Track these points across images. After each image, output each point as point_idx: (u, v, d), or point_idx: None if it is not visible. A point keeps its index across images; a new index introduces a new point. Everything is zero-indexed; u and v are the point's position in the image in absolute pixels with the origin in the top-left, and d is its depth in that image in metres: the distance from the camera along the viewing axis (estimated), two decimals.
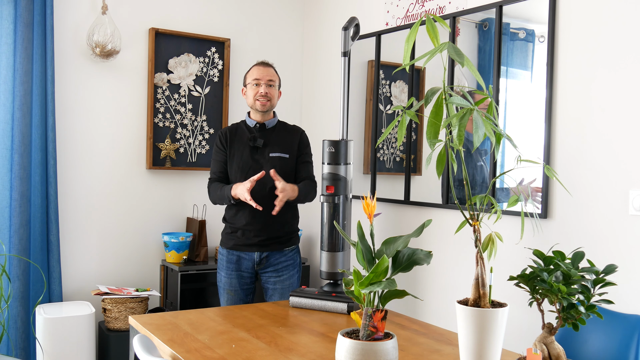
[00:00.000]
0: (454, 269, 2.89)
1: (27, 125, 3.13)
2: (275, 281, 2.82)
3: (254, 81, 2.80)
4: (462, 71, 2.87)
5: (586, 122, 2.35)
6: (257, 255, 2.80)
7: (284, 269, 2.83)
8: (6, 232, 3.12)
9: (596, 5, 2.33)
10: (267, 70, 2.82)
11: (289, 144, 2.84)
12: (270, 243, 2.80)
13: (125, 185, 3.52)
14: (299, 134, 2.90)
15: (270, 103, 2.81)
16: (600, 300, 1.40)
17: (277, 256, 2.82)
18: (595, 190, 2.31)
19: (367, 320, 1.46)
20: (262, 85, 2.78)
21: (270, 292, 2.83)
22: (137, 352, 1.82)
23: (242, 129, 2.87)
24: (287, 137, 2.86)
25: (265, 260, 2.82)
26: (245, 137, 2.83)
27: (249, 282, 2.84)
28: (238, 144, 2.83)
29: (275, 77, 2.84)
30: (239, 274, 2.82)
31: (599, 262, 2.08)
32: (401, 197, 3.20)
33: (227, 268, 2.83)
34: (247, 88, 2.84)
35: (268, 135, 2.84)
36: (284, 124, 2.92)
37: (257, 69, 2.83)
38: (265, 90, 2.78)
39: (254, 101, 2.80)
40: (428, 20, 1.36)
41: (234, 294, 2.82)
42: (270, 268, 2.82)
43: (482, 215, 1.45)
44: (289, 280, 2.83)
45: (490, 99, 1.43)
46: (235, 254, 2.82)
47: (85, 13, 3.35)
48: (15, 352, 3.09)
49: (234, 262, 2.82)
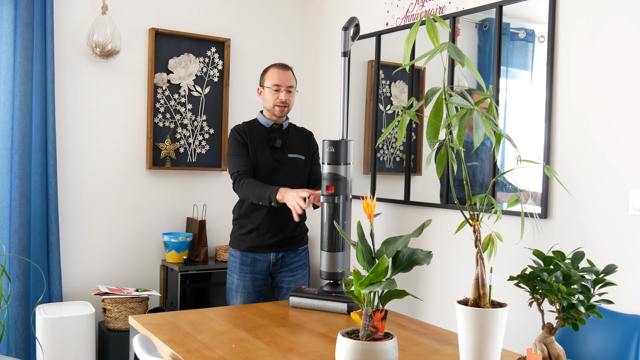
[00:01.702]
0: (454, 269, 2.89)
1: (27, 125, 3.13)
2: (290, 280, 2.84)
3: (274, 87, 2.75)
4: (462, 71, 2.87)
5: (586, 122, 2.35)
6: (273, 256, 2.80)
7: (297, 268, 2.86)
8: (6, 232, 3.12)
9: (596, 5, 2.33)
10: (287, 75, 2.78)
11: (305, 146, 2.88)
12: (286, 243, 2.81)
13: (125, 185, 3.52)
14: (310, 137, 2.95)
15: (288, 109, 2.80)
16: (600, 300, 1.40)
17: (291, 256, 2.84)
18: (595, 190, 2.31)
19: (367, 320, 1.46)
20: (282, 92, 2.75)
21: (284, 291, 2.84)
22: (137, 352, 1.82)
23: (258, 127, 2.83)
24: (301, 139, 2.89)
25: (281, 260, 2.83)
26: (262, 136, 2.80)
27: (261, 284, 2.84)
28: (257, 142, 2.79)
29: (294, 81, 2.81)
30: (252, 276, 2.80)
31: (599, 262, 2.08)
32: (401, 197, 3.20)
33: (240, 270, 2.79)
34: (264, 90, 2.80)
35: (284, 136, 2.84)
36: (294, 126, 2.94)
37: (277, 72, 2.77)
38: (286, 97, 2.75)
39: (273, 106, 2.77)
40: (428, 20, 1.36)
41: (247, 297, 2.79)
42: (285, 268, 2.84)
43: (482, 215, 1.45)
44: (302, 280, 2.86)
45: (490, 99, 1.43)
46: (249, 256, 2.80)
47: (85, 13, 3.35)
48: (15, 352, 3.09)
49: (248, 264, 2.79)
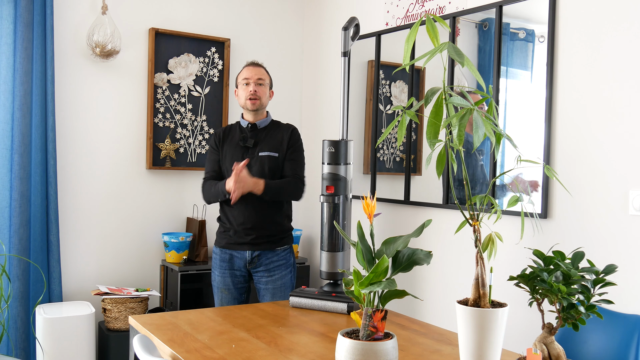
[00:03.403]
0: (454, 269, 2.89)
1: (27, 125, 3.13)
2: (267, 281, 2.81)
3: (244, 81, 2.83)
4: (462, 71, 2.87)
5: (586, 122, 2.35)
6: (248, 254, 2.81)
7: (275, 268, 2.82)
8: (6, 232, 3.12)
9: (596, 5, 2.33)
10: (257, 69, 2.85)
11: (279, 143, 2.84)
12: (262, 242, 2.80)
13: (125, 185, 3.52)
14: (289, 132, 2.88)
15: (260, 102, 2.81)
16: (600, 300, 1.40)
17: (268, 255, 2.82)
18: (595, 190, 2.31)
19: (367, 320, 1.46)
20: (251, 84, 2.81)
21: (262, 292, 2.83)
22: (137, 352, 1.82)
23: (235, 129, 2.91)
24: (277, 136, 2.86)
25: (257, 259, 2.81)
26: (237, 137, 2.86)
27: (242, 281, 2.84)
28: (230, 144, 2.87)
29: (265, 76, 2.86)
30: (231, 272, 2.83)
31: (598, 262, 2.08)
32: (401, 197, 3.20)
33: (220, 267, 2.85)
34: (238, 89, 2.87)
35: (259, 135, 2.85)
36: (277, 123, 2.92)
37: (246, 69, 2.86)
38: (255, 89, 2.80)
39: (244, 101, 2.82)
40: (428, 20, 1.36)
41: (227, 293, 2.83)
42: (261, 267, 2.82)
43: (482, 215, 1.45)
44: (280, 281, 2.81)
45: (490, 99, 1.43)
46: (228, 253, 2.83)
47: (85, 13, 3.35)
48: (15, 352, 3.09)
49: (227, 260, 2.83)
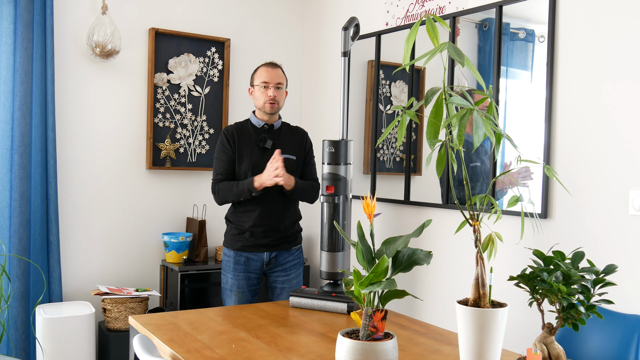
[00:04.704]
0: (454, 269, 2.89)
1: (27, 125, 3.13)
2: (283, 280, 2.83)
3: (262, 84, 2.78)
4: (462, 71, 2.87)
5: (586, 122, 2.35)
6: (266, 255, 2.81)
7: (291, 267, 2.85)
8: (6, 232, 3.12)
9: (596, 5, 2.33)
10: (276, 72, 2.80)
11: (296, 146, 2.85)
12: (280, 243, 2.81)
13: (125, 185, 3.52)
14: (304, 136, 2.91)
15: (278, 105, 2.80)
16: (600, 300, 1.40)
17: (285, 255, 2.84)
18: (595, 190, 2.31)
19: (367, 320, 1.46)
20: (270, 89, 2.77)
21: (278, 291, 2.84)
22: (137, 352, 1.82)
23: (248, 128, 2.84)
24: (293, 139, 2.86)
25: (274, 260, 2.83)
26: (253, 137, 2.81)
27: (255, 283, 2.84)
28: (246, 144, 2.80)
29: (283, 78, 2.83)
30: (246, 275, 2.80)
31: (599, 262, 2.08)
32: (401, 197, 3.20)
33: (234, 270, 2.80)
34: (254, 89, 2.82)
35: (275, 137, 2.83)
36: (288, 125, 2.93)
37: (265, 70, 2.80)
38: (274, 94, 2.76)
39: (263, 104, 2.78)
40: (428, 20, 1.36)
41: (241, 296, 2.80)
42: (278, 268, 2.84)
43: (482, 215, 1.45)
44: (296, 279, 2.86)
45: (490, 99, 1.43)
46: (243, 255, 2.80)
47: (85, 13, 3.35)
48: (15, 352, 3.09)
49: (242, 263, 2.80)
